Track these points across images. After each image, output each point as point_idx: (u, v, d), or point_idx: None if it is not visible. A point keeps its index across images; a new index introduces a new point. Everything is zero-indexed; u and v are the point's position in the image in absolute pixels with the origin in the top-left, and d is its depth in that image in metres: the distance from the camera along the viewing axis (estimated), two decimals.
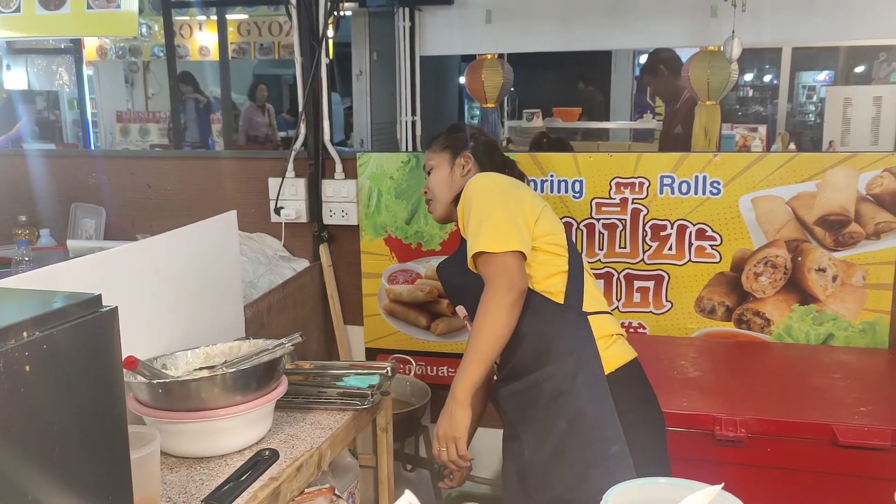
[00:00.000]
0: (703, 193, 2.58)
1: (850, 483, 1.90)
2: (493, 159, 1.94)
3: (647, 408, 1.72)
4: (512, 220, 1.64)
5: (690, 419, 1.98)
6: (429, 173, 1.96)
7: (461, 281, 1.76)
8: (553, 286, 1.69)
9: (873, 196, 2.46)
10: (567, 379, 1.62)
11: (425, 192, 1.99)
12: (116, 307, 1.11)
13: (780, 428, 1.93)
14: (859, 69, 7.72)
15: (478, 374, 1.62)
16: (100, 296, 1.10)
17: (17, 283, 1.38)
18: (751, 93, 10.60)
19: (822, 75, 9.90)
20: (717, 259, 2.60)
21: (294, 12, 2.83)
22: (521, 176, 1.96)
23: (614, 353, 1.69)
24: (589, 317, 1.68)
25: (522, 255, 1.62)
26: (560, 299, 1.68)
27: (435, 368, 2.92)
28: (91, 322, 1.07)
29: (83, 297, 1.08)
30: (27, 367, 0.95)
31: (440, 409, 1.62)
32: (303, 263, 2.95)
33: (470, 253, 1.65)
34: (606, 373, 1.65)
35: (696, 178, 2.58)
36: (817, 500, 1.92)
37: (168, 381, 1.55)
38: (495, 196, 1.69)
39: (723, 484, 0.81)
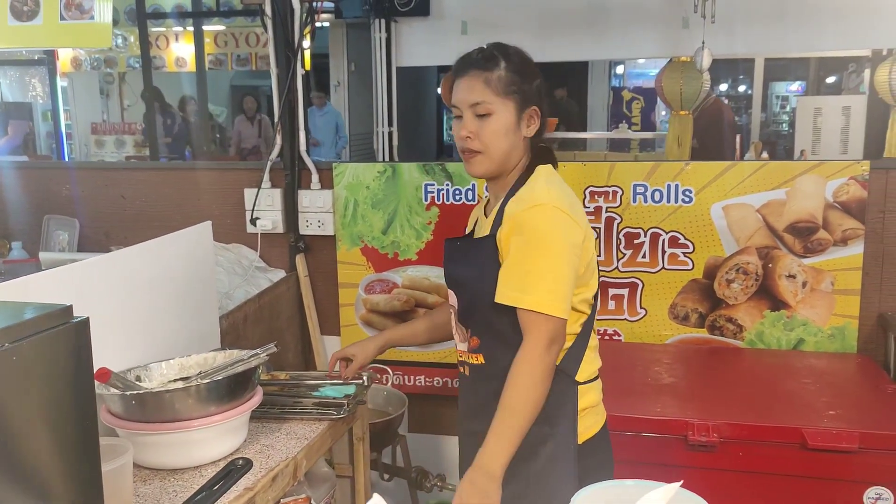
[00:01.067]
0: (676, 202, 2.62)
1: (819, 486, 1.92)
2: (546, 110, 1.63)
3: (605, 475, 1.59)
4: (570, 282, 1.49)
5: (663, 424, 2.01)
6: (480, 116, 1.54)
7: (462, 273, 1.63)
8: None
9: (840, 203, 2.51)
10: (536, 446, 1.54)
11: (468, 138, 1.56)
12: (88, 318, 1.11)
13: (751, 432, 1.95)
14: (830, 80, 7.88)
15: (517, 444, 1.43)
16: (70, 307, 1.10)
17: None
18: (725, 103, 10.73)
19: (795, 86, 10.07)
20: (690, 266, 2.63)
21: (269, 24, 2.84)
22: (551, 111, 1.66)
23: (587, 426, 1.60)
24: (579, 386, 1.58)
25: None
26: (557, 359, 1.54)
27: (412, 378, 2.92)
28: (62, 333, 1.07)
29: (53, 308, 1.08)
30: None
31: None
32: (279, 274, 2.94)
33: (521, 300, 1.47)
34: (579, 443, 1.57)
35: (669, 186, 2.61)
36: (788, 503, 1.95)
37: (142, 392, 1.54)
38: (565, 245, 1.48)
39: (682, 482, 0.82)
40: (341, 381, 1.91)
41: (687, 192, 2.60)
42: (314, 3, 2.83)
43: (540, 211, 1.49)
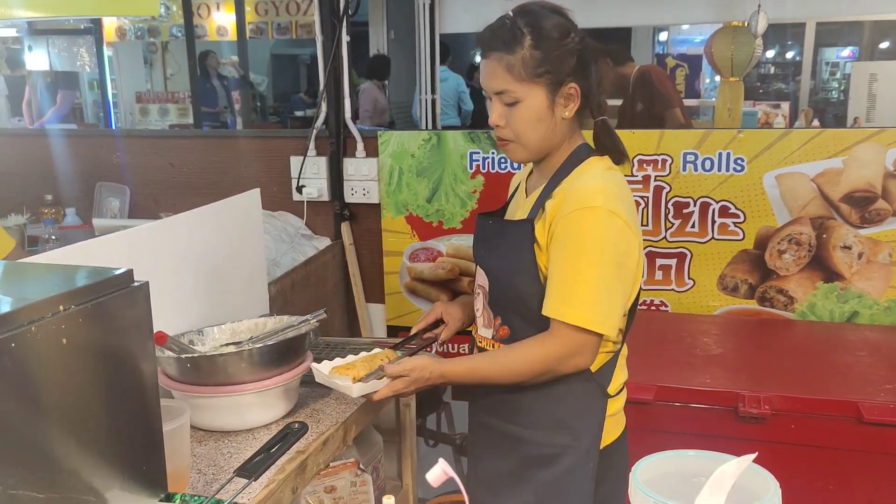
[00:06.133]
0: (727, 170, 2.56)
1: (875, 460, 1.88)
2: (598, 78, 1.42)
3: (619, 480, 1.49)
4: (619, 296, 1.39)
5: (713, 396, 1.98)
6: (509, 104, 1.39)
7: (493, 258, 1.51)
8: None
9: None
10: (554, 456, 1.46)
11: (497, 126, 1.43)
12: (147, 282, 1.13)
13: (804, 405, 1.92)
14: (884, 45, 7.59)
15: (480, 382, 1.49)
16: (131, 271, 1.12)
17: (48, 260, 1.40)
18: (772, 70, 10.44)
19: (846, 51, 9.75)
20: (741, 236, 2.58)
21: None
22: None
23: (606, 433, 1.49)
24: (609, 400, 1.48)
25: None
26: (593, 367, 1.44)
27: (457, 346, 2.93)
28: (124, 296, 1.09)
29: (114, 272, 1.10)
30: (64, 340, 0.97)
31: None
32: (324, 242, 2.96)
33: (561, 312, 1.36)
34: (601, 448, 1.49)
35: (720, 154, 2.55)
36: (842, 478, 1.91)
37: (196, 356, 1.57)
38: (616, 255, 1.36)
39: (756, 454, 0.81)
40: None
41: (739, 161, 2.54)
42: None
43: (592, 215, 1.34)
